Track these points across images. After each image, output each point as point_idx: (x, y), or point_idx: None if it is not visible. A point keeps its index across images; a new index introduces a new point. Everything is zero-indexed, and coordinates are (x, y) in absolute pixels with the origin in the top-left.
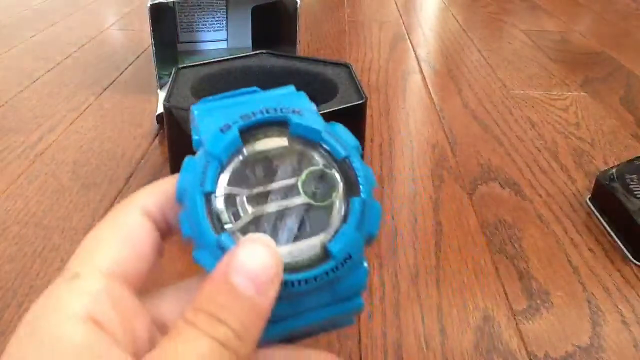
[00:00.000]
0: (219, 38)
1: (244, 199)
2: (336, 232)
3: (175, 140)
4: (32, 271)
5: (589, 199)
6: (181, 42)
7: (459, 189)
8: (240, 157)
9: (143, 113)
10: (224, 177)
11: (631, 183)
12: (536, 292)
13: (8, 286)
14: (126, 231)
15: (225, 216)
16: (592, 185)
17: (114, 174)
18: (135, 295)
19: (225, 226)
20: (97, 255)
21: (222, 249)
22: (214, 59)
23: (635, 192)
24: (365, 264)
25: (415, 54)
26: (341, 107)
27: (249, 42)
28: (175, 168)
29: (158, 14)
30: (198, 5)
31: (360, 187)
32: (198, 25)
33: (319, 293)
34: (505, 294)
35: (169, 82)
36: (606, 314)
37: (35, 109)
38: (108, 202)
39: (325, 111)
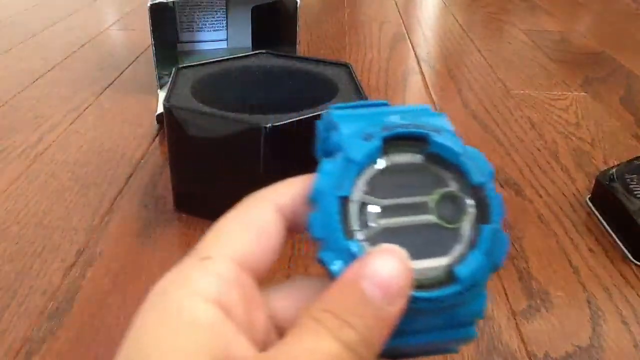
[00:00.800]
0: (218, 38)
1: (376, 208)
2: (463, 256)
3: (176, 140)
4: (32, 271)
5: (589, 199)
6: (181, 42)
7: None
8: (377, 167)
9: (143, 113)
10: (360, 184)
11: (631, 183)
12: (536, 292)
13: (8, 286)
14: (259, 225)
15: (356, 223)
16: (592, 186)
17: (114, 174)
18: (258, 287)
19: (356, 233)
20: (229, 242)
21: (352, 255)
22: (214, 58)
23: (636, 192)
24: (486, 292)
25: (415, 54)
26: None
27: (249, 42)
28: (175, 168)
29: (158, 14)
30: (198, 5)
31: (492, 215)
32: (198, 25)
33: (438, 315)
34: (506, 294)
35: (169, 82)
36: (606, 314)
37: (35, 109)
38: (108, 202)
39: (325, 111)
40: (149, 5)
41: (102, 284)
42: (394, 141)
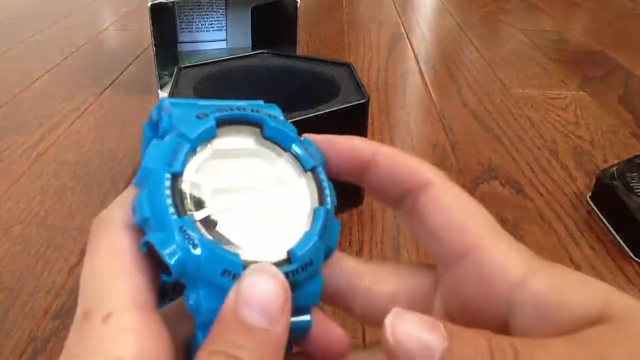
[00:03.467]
0: (218, 38)
1: (209, 190)
2: (299, 237)
3: None
4: (36, 271)
5: (590, 197)
6: (181, 42)
7: None
8: (210, 149)
9: (144, 113)
10: (192, 164)
11: (632, 181)
12: None
13: (12, 286)
14: (124, 253)
15: (188, 202)
16: (593, 184)
17: (116, 174)
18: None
19: (189, 213)
20: (115, 290)
21: (184, 233)
22: (215, 58)
23: (636, 190)
24: (322, 277)
25: (414, 53)
26: (343, 106)
27: (249, 42)
28: None
29: (158, 14)
30: (198, 5)
31: (326, 198)
32: (198, 25)
33: None
34: None
35: (171, 82)
36: None
37: (35, 110)
38: (110, 201)
39: (327, 110)
40: (149, 5)
41: None
42: (229, 125)
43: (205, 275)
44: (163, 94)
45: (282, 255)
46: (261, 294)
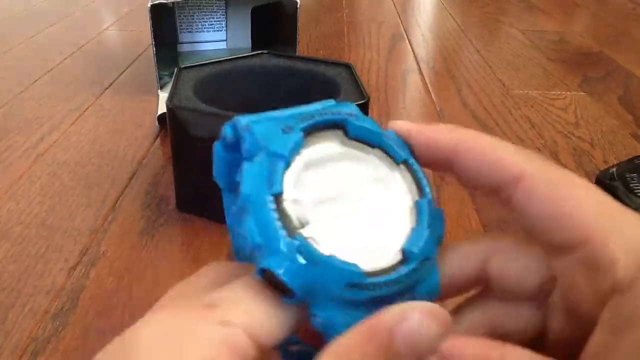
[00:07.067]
0: (218, 38)
1: (310, 203)
2: (407, 234)
3: (179, 140)
4: (36, 271)
5: None
6: (181, 43)
7: (460, 189)
8: (301, 161)
9: (144, 113)
10: (288, 180)
11: (632, 182)
12: None
13: (12, 286)
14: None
15: (294, 220)
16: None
17: (116, 175)
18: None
19: (298, 231)
20: (247, 311)
21: (299, 252)
22: (215, 59)
23: (636, 191)
24: (437, 267)
25: (414, 54)
26: None
27: (249, 43)
28: (178, 168)
29: (158, 15)
30: (197, 5)
31: (424, 188)
32: (198, 25)
33: (400, 298)
34: None
35: (172, 82)
36: None
37: (35, 110)
38: (110, 202)
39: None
40: (149, 5)
41: (106, 283)
42: (313, 131)
43: (330, 291)
44: (163, 94)
45: (397, 256)
46: (426, 340)
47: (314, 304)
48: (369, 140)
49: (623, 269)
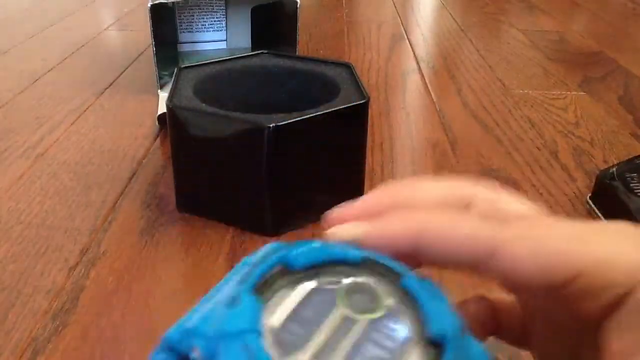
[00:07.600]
0: (218, 38)
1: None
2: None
3: (179, 140)
4: (36, 271)
5: (590, 197)
6: (181, 43)
7: None
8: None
9: (144, 113)
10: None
11: (632, 182)
12: None
13: (12, 286)
14: None
15: None
16: (593, 184)
17: (116, 174)
18: None
19: None
20: None
21: None
22: (215, 58)
23: (636, 191)
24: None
25: (414, 54)
26: (343, 106)
27: (249, 43)
28: (178, 168)
29: (158, 14)
30: (197, 5)
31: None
32: (198, 25)
33: None
34: None
35: (172, 82)
36: None
37: (35, 110)
38: (110, 202)
39: (327, 111)
40: (149, 5)
41: (106, 283)
42: (262, 284)
43: None
44: (163, 94)
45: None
46: None
47: None
48: (315, 262)
49: (619, 286)
